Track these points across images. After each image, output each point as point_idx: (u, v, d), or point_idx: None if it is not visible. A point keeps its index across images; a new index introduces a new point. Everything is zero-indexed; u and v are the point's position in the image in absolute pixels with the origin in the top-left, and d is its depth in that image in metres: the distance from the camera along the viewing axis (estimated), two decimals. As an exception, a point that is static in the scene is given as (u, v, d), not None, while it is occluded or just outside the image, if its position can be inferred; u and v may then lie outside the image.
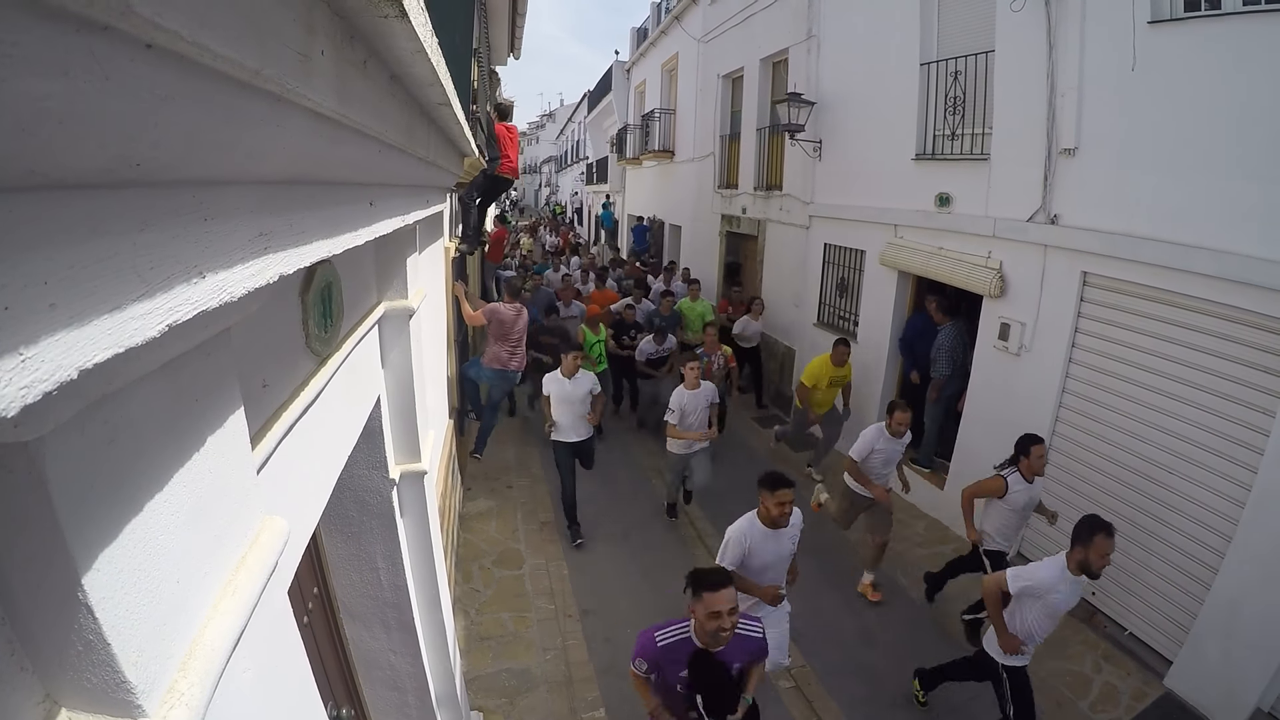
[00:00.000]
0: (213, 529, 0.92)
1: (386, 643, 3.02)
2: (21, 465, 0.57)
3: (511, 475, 8.20)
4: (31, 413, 0.48)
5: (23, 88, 0.43)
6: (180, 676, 0.78)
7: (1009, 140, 6.10)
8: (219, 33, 0.61)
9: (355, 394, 2.26)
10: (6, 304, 0.46)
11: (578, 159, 36.53)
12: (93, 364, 0.53)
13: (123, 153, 0.55)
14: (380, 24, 1.08)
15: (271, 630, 1.10)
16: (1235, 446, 4.50)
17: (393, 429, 2.84)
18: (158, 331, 0.62)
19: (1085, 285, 5.54)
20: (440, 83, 1.60)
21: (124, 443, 0.70)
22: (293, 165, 0.99)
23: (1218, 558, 4.54)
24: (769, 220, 11.09)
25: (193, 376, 0.86)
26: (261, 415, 1.39)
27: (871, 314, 8.47)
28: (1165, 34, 4.66)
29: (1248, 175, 4.23)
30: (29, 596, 0.63)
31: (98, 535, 0.66)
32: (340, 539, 2.76)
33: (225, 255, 0.77)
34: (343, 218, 1.38)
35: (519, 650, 5.19)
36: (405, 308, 2.76)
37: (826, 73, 9.15)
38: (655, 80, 18.44)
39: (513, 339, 7.22)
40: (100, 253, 0.55)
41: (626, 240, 21.47)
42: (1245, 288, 4.28)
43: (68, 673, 0.67)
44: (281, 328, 1.57)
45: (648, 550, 6.70)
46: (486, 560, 6.36)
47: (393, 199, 2.08)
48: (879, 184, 8.01)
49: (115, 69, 0.51)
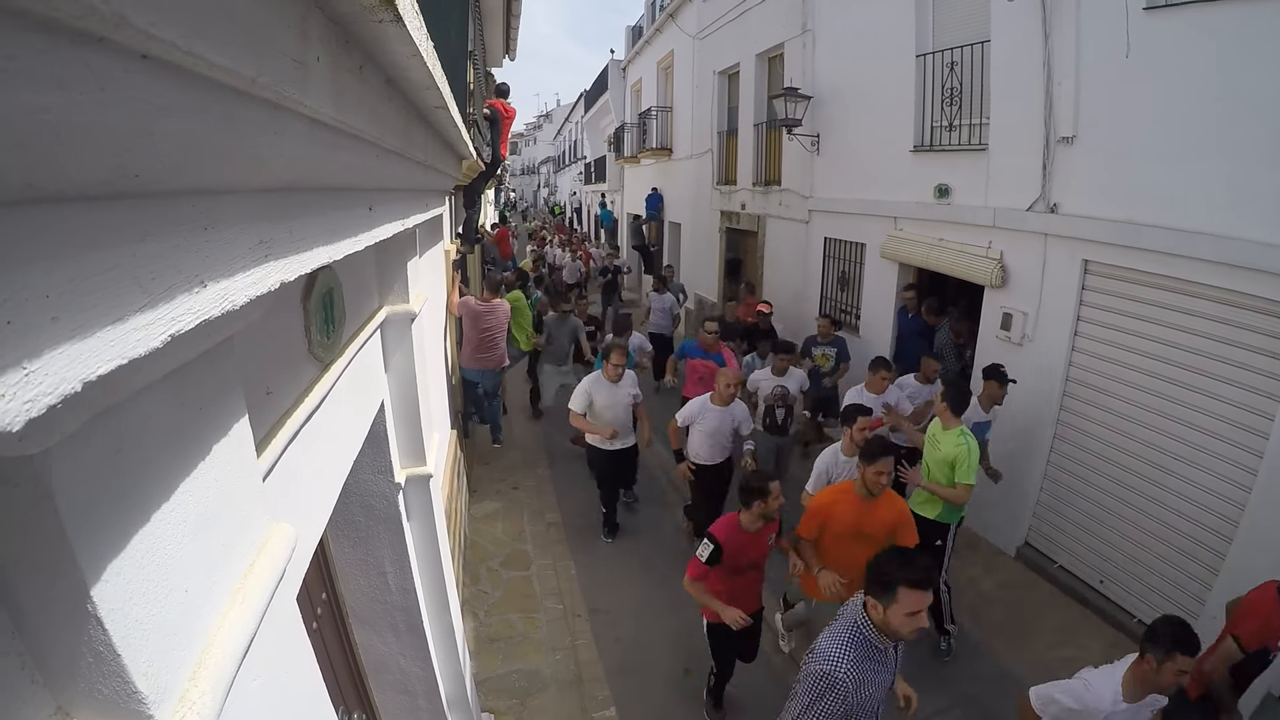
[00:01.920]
0: (220, 537, 0.92)
1: (396, 646, 3.03)
2: (28, 478, 0.58)
3: (517, 476, 8.20)
4: (36, 426, 0.48)
5: (19, 101, 0.43)
6: (191, 685, 0.78)
7: (1007, 130, 6.09)
8: (214, 42, 0.61)
9: (359, 399, 2.26)
10: (9, 318, 0.46)
11: (576, 159, 36.55)
12: (96, 376, 0.53)
13: (121, 164, 0.55)
14: (375, 29, 1.08)
15: (281, 637, 1.11)
16: (1240, 432, 4.49)
17: (397, 433, 2.84)
18: (160, 342, 0.62)
19: (1086, 273, 5.53)
20: (436, 86, 1.60)
21: (130, 453, 0.71)
22: (291, 172, 0.99)
23: (1225, 543, 4.54)
24: (768, 215, 11.09)
25: (197, 385, 0.86)
26: (266, 422, 1.39)
27: (873, 307, 8.47)
28: (1161, 19, 4.64)
29: (1248, 159, 4.22)
30: (38, 609, 0.63)
31: (106, 546, 0.66)
32: (347, 544, 2.77)
33: (226, 264, 0.78)
34: (342, 223, 1.38)
35: (528, 651, 5.19)
36: (407, 312, 2.77)
37: (822, 67, 9.14)
38: (651, 78, 18.42)
39: (482, 335, 7.18)
40: (101, 264, 0.55)
41: (625, 239, 21.44)
42: (1247, 272, 4.27)
43: (79, 684, 0.67)
44: (284, 335, 1.58)
45: (656, 548, 6.70)
46: (494, 562, 6.36)
47: (392, 203, 2.08)
48: (878, 177, 8.00)
49: (111, 80, 0.51)
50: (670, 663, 5.08)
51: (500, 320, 7.46)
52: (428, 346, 3.68)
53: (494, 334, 7.40)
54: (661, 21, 16.39)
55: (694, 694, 4.77)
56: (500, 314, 7.45)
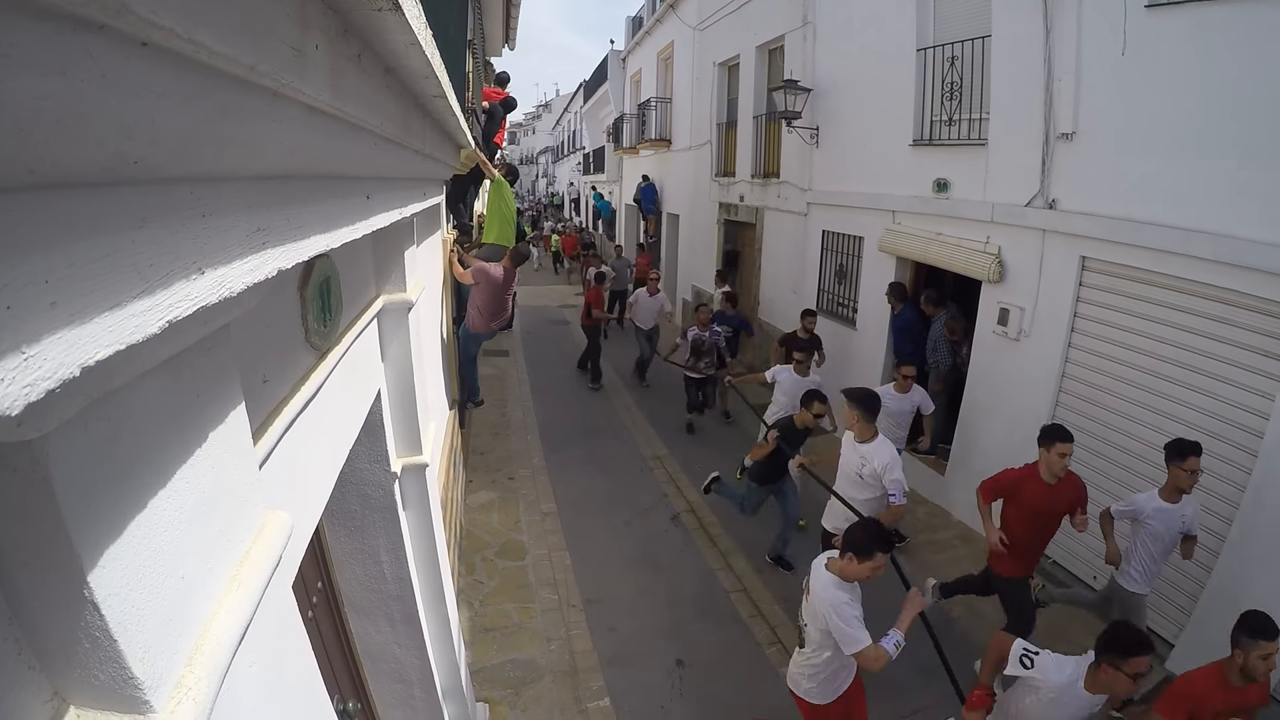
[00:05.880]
0: (216, 524, 0.92)
1: (391, 636, 3.03)
2: (25, 463, 0.58)
3: (514, 466, 8.22)
4: (35, 411, 0.48)
5: (20, 87, 0.43)
6: (187, 671, 0.79)
7: (1007, 125, 6.08)
8: (214, 29, 0.61)
9: (355, 388, 2.26)
10: (8, 303, 0.46)
11: (574, 149, 36.42)
12: (95, 361, 0.54)
13: (120, 150, 0.55)
14: (374, 17, 1.08)
15: (277, 624, 1.11)
16: (1235, 430, 4.51)
17: (393, 422, 2.84)
18: (158, 328, 0.62)
19: (1084, 270, 5.53)
20: (435, 75, 1.60)
21: (127, 439, 0.71)
22: (289, 160, 0.99)
23: (1219, 540, 4.56)
24: (767, 208, 11.07)
25: (194, 372, 0.86)
26: (263, 410, 1.39)
27: (870, 300, 8.47)
28: (1162, 17, 4.63)
29: (1245, 158, 4.22)
30: (35, 594, 0.63)
31: (102, 532, 0.66)
32: (343, 533, 2.77)
33: (224, 251, 0.78)
34: (340, 212, 1.38)
35: (523, 641, 5.21)
36: (404, 301, 2.76)
37: (823, 59, 9.11)
38: (651, 69, 18.35)
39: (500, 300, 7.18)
40: (100, 250, 0.55)
41: (622, 229, 21.37)
42: (1243, 271, 4.28)
43: (75, 670, 0.67)
44: (281, 323, 1.57)
45: (650, 538, 6.74)
46: (490, 552, 6.38)
47: (390, 192, 2.08)
48: (877, 170, 7.99)
49: (111, 67, 0.51)
50: (664, 653, 5.11)
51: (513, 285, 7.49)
52: (425, 335, 3.68)
53: (510, 299, 7.45)
54: (662, 12, 16.31)
55: (688, 684, 4.80)
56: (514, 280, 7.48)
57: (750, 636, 5.34)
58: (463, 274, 6.91)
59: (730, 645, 5.23)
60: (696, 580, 6.06)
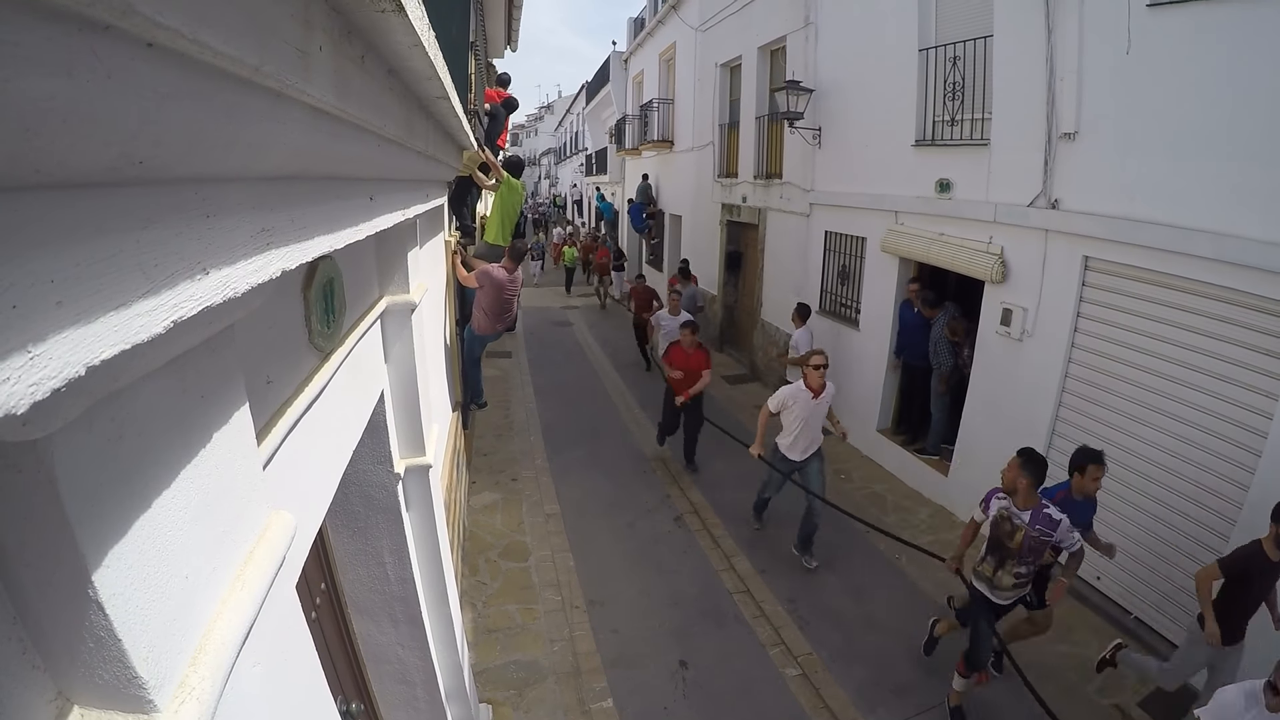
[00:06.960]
0: (220, 524, 0.92)
1: (394, 636, 3.04)
2: (30, 463, 0.58)
3: (517, 468, 8.22)
4: (40, 410, 0.48)
5: (27, 88, 0.43)
6: (191, 671, 0.79)
7: (1009, 125, 6.07)
8: (219, 30, 0.61)
9: (359, 389, 2.26)
10: (14, 302, 0.46)
11: (577, 150, 36.42)
12: (100, 360, 0.54)
13: (125, 151, 0.56)
14: (377, 19, 1.08)
15: (280, 625, 1.11)
16: (1238, 429, 4.50)
17: (397, 423, 2.84)
18: (163, 328, 0.63)
19: (1087, 270, 5.52)
20: (438, 76, 1.60)
21: (131, 439, 0.71)
22: (293, 161, 0.99)
23: (1222, 541, 4.54)
24: (769, 209, 11.07)
25: (198, 373, 0.87)
26: (266, 411, 1.40)
27: (873, 301, 8.46)
28: (1164, 16, 4.63)
29: (1247, 158, 4.21)
30: (40, 594, 0.63)
31: (107, 532, 0.66)
32: (347, 534, 2.77)
33: (228, 251, 0.78)
34: (343, 213, 1.38)
35: (526, 642, 5.21)
36: (407, 302, 2.76)
37: (825, 60, 9.11)
38: (653, 70, 18.35)
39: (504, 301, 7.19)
40: (105, 250, 0.56)
41: (626, 230, 21.39)
42: (1245, 270, 4.27)
43: (79, 670, 0.67)
44: (284, 324, 1.58)
45: (653, 539, 6.73)
46: (493, 553, 6.38)
47: (393, 193, 2.08)
48: (879, 171, 7.99)
49: (117, 68, 0.51)
50: (667, 654, 5.10)
51: (518, 287, 7.49)
52: (428, 337, 3.68)
53: (514, 299, 7.45)
54: (664, 13, 16.31)
55: (691, 685, 4.80)
56: (519, 283, 7.48)
57: (753, 637, 5.33)
58: (466, 277, 6.91)
59: (733, 646, 5.22)
60: (699, 581, 6.06)
